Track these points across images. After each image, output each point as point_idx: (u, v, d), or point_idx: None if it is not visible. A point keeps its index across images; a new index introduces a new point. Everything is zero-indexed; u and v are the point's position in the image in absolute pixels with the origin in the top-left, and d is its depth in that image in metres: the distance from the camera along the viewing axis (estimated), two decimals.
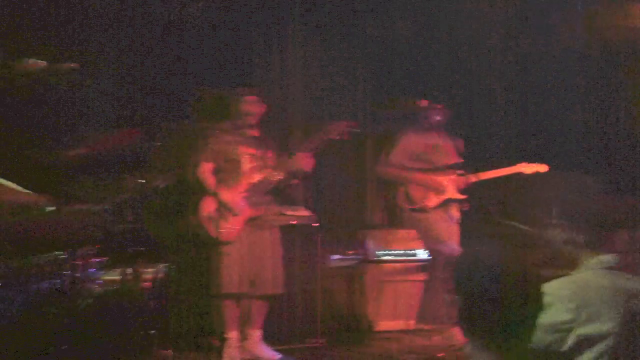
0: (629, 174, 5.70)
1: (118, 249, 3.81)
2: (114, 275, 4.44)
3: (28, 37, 5.07)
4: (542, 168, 5.38)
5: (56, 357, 3.19)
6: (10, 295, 3.52)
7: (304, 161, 4.90)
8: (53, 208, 3.13)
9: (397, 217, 5.95)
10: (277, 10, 6.43)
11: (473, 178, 4.79)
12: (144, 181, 4.03)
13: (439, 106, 5.08)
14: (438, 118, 5.11)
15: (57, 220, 3.21)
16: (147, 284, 4.46)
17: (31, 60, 3.23)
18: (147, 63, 5.78)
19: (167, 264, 4.97)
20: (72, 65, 3.32)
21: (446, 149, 5.30)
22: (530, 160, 5.42)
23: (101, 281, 4.26)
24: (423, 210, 5.26)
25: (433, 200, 5.27)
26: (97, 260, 4.00)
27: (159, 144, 3.94)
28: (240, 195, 4.84)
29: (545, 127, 6.53)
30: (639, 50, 5.98)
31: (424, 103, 5.09)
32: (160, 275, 5.00)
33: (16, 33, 4.96)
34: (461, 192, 4.99)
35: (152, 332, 3.56)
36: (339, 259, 6.03)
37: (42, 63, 3.26)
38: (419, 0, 6.63)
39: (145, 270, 4.30)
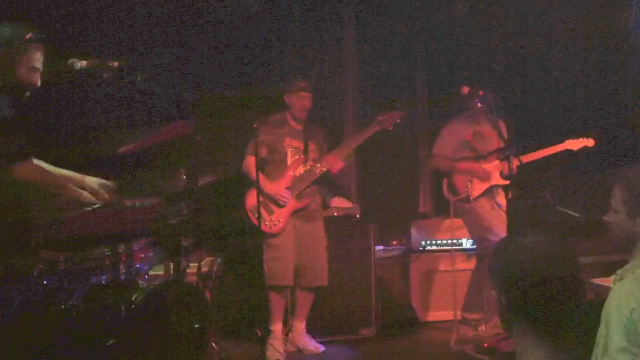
0: None
1: (169, 242, 3.86)
2: (161, 270, 4.53)
3: (75, 36, 5.21)
4: (589, 142, 5.24)
5: (109, 348, 3.26)
6: (71, 287, 3.62)
7: (331, 164, 4.92)
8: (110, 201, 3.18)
9: (444, 207, 5.90)
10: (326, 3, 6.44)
11: (517, 162, 4.69)
12: (193, 174, 4.06)
13: (480, 92, 4.99)
14: (480, 104, 5.02)
15: (113, 214, 3.26)
16: (194, 278, 4.53)
17: (76, 60, 3.27)
18: (193, 58, 5.86)
19: (215, 257, 5.04)
20: (116, 63, 3.35)
21: (489, 134, 5.20)
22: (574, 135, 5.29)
23: (149, 275, 4.33)
24: (467, 200, 5.18)
25: (477, 189, 5.19)
26: (150, 253, 4.06)
27: (207, 137, 3.97)
28: (284, 187, 4.88)
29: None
30: None
31: (465, 90, 5.00)
32: (208, 268, 5.09)
33: (62, 33, 5.10)
34: (506, 177, 4.89)
35: (198, 325, 3.60)
36: (383, 249, 6.03)
37: (88, 62, 3.30)
38: None
39: (195, 263, 4.35)
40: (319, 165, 4.93)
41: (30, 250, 3.17)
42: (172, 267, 4.28)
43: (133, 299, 3.51)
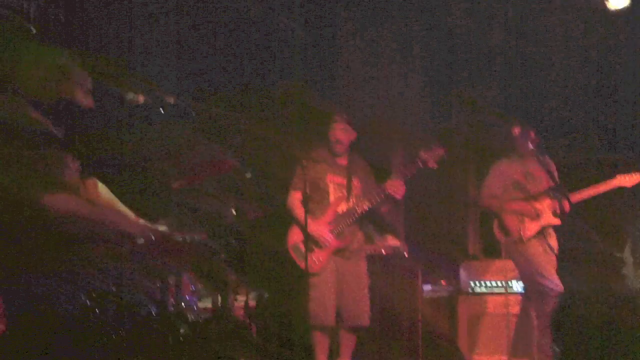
0: None
1: (217, 276, 3.91)
2: (209, 303, 4.57)
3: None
4: None
5: None
6: (121, 318, 3.70)
7: (395, 189, 4.73)
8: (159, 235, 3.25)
9: (493, 247, 5.82)
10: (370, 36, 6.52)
11: (568, 200, 4.58)
12: (239, 210, 4.11)
13: (531, 133, 4.94)
14: (531, 145, 4.97)
15: (164, 248, 3.32)
16: (240, 312, 4.54)
17: (135, 94, 3.38)
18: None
19: (260, 292, 5.04)
20: (172, 98, 3.45)
21: (540, 174, 5.13)
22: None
23: (198, 307, 4.39)
24: (520, 240, 5.06)
25: (529, 229, 5.08)
26: (199, 286, 4.13)
27: (251, 174, 4.03)
28: (326, 226, 4.75)
29: None
30: None
31: (516, 130, 4.96)
32: (256, 302, 5.10)
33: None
34: (559, 216, 4.80)
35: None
36: (431, 289, 5.95)
37: (146, 97, 3.40)
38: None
39: (240, 297, 4.37)
40: (362, 202, 4.79)
41: (84, 281, 3.23)
42: (219, 300, 4.33)
43: (181, 331, 3.56)
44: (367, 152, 5.22)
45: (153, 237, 3.17)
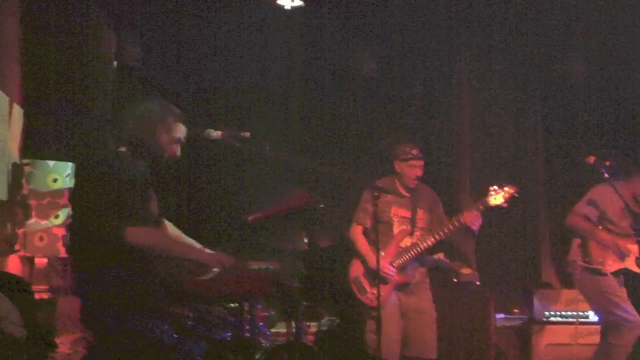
0: None
1: (290, 304, 4.01)
2: (283, 328, 4.68)
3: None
4: None
5: None
6: (196, 343, 3.85)
7: (473, 220, 4.55)
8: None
9: (567, 276, 5.71)
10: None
11: None
12: (314, 238, 4.21)
13: (607, 162, 4.85)
14: (607, 175, 4.88)
15: (239, 277, 3.43)
16: (311, 337, 4.62)
17: (212, 130, 3.52)
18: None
19: (334, 318, 5.09)
20: (247, 133, 3.58)
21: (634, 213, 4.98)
22: None
23: (271, 333, 4.50)
24: (598, 272, 4.93)
25: (611, 266, 4.93)
26: (272, 312, 4.24)
27: (328, 204, 4.13)
28: (388, 261, 4.64)
29: None
30: None
31: (591, 159, 4.87)
32: (327, 328, 5.17)
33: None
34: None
35: None
36: (504, 317, 5.89)
37: (223, 132, 3.54)
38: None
39: (310, 324, 4.45)
40: (427, 237, 4.68)
41: (160, 306, 3.37)
42: (292, 325, 4.42)
43: (257, 357, 3.68)
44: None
45: (227, 266, 3.29)
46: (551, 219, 6.51)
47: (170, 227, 3.51)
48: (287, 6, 5.91)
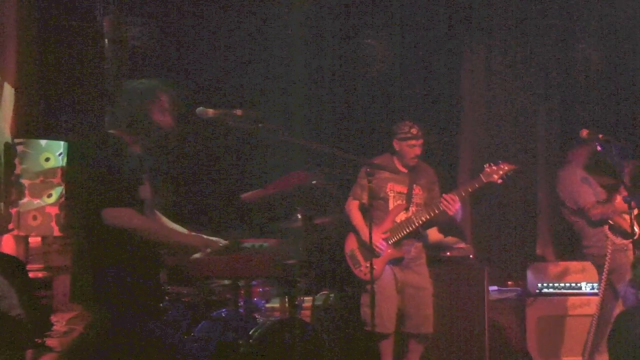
0: None
1: (286, 281, 4.04)
2: (277, 303, 4.71)
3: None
4: None
5: None
6: (193, 319, 3.89)
7: (449, 205, 4.60)
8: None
9: (562, 249, 5.75)
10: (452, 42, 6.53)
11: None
12: (309, 216, 4.20)
13: (600, 135, 4.87)
14: (599, 148, 4.89)
15: (232, 256, 3.45)
16: (306, 312, 4.66)
17: (204, 108, 3.51)
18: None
19: (329, 292, 5.12)
20: (240, 111, 3.56)
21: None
22: None
23: (266, 308, 4.53)
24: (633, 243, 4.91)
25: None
26: (267, 288, 4.28)
27: (323, 180, 4.13)
28: (382, 235, 4.70)
29: None
30: None
31: (584, 132, 4.88)
32: (322, 302, 5.21)
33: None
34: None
35: None
36: (497, 290, 5.94)
37: (215, 110, 3.52)
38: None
39: (305, 299, 4.47)
40: (422, 213, 4.73)
41: (158, 285, 3.40)
42: (286, 300, 4.45)
43: (251, 333, 3.71)
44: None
45: (216, 248, 3.30)
46: (547, 194, 6.53)
47: (163, 218, 3.52)
48: None
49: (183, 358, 3.53)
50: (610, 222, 5.01)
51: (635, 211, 4.82)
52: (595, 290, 5.25)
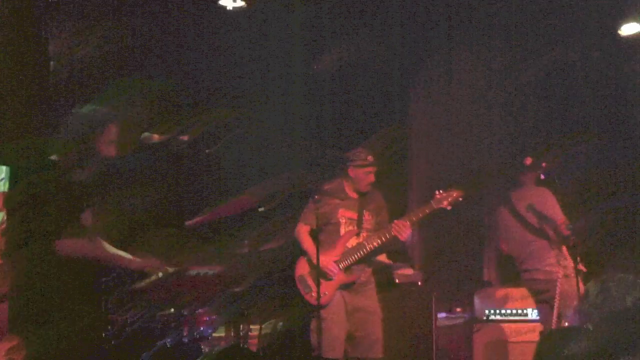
0: None
1: (232, 309, 4.00)
2: (223, 332, 4.65)
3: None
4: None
5: None
6: (138, 349, 3.80)
7: (400, 230, 4.65)
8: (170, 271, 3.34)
9: (508, 275, 5.82)
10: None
11: None
12: (256, 243, 4.19)
13: (543, 164, 4.99)
14: (543, 176, 5.01)
15: (178, 283, 3.41)
16: (253, 341, 4.61)
17: (149, 134, 3.50)
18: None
19: (277, 321, 5.08)
20: (186, 136, 3.56)
21: (550, 203, 5.15)
22: None
23: (212, 337, 4.47)
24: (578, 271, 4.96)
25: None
26: (213, 317, 4.22)
27: (263, 208, 4.12)
28: (333, 260, 4.71)
29: None
30: None
31: (528, 160, 5.00)
32: (270, 331, 5.16)
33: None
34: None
35: None
36: (446, 316, 5.98)
37: (160, 136, 3.51)
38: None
39: (252, 327, 4.43)
40: (373, 238, 4.75)
41: (101, 313, 3.34)
42: (232, 329, 4.40)
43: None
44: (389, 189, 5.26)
45: (163, 273, 3.27)
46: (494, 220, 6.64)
47: (104, 242, 3.47)
48: (230, 7, 5.88)
49: None
50: (571, 243, 5.03)
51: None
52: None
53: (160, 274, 3.33)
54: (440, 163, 6.73)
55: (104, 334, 3.53)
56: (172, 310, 3.93)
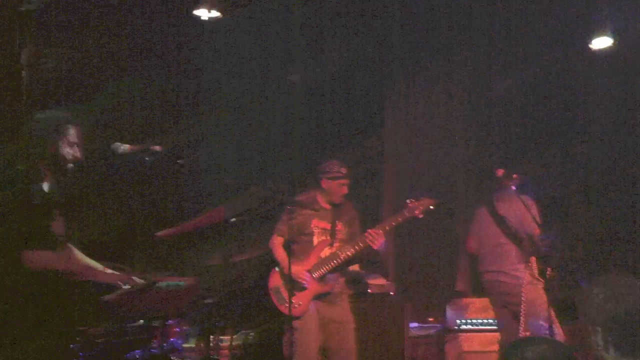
0: None
1: (203, 321, 3.98)
2: (194, 343, 4.62)
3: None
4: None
5: None
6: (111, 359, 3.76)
7: (373, 239, 4.70)
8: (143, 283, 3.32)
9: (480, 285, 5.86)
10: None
11: None
12: (227, 254, 4.18)
13: (514, 175, 5.05)
14: (514, 187, 5.08)
15: (147, 295, 3.39)
16: (225, 352, 4.59)
17: (119, 144, 3.48)
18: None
19: (248, 332, 5.07)
20: (158, 147, 3.55)
21: (522, 214, 5.22)
22: None
23: (183, 349, 4.44)
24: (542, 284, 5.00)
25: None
26: (184, 328, 4.19)
27: (241, 218, 4.11)
28: (306, 270, 4.74)
29: None
30: None
31: (500, 172, 5.06)
32: (242, 342, 5.15)
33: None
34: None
35: None
36: (418, 327, 6.00)
37: (131, 146, 3.50)
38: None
39: (224, 338, 4.42)
40: (346, 248, 4.79)
41: (70, 325, 3.31)
42: (203, 341, 4.38)
43: None
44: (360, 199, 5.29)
45: (133, 285, 3.25)
46: (466, 230, 6.69)
47: (75, 251, 3.45)
48: (204, 17, 5.86)
49: None
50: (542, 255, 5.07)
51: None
52: None
53: (130, 286, 3.32)
54: (413, 173, 6.77)
55: (71, 346, 3.49)
56: (142, 322, 3.90)
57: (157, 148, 3.57)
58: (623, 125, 6.90)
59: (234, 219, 4.00)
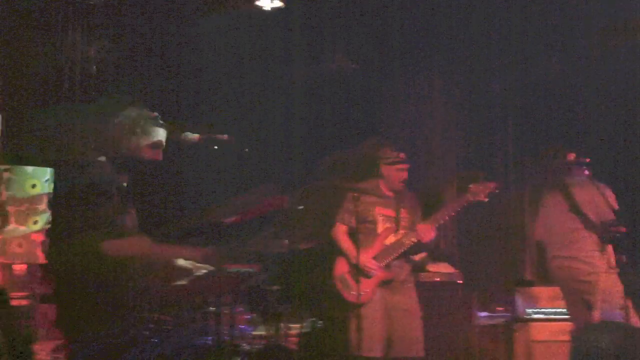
0: None
1: (269, 307, 4.02)
2: (262, 331, 4.67)
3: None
4: None
5: None
6: (174, 347, 3.83)
7: (423, 234, 4.71)
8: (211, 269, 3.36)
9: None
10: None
11: None
12: (294, 241, 4.20)
13: (587, 159, 4.90)
14: (587, 172, 4.92)
15: (216, 281, 3.43)
16: (293, 339, 4.62)
17: (189, 133, 3.53)
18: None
19: (312, 321, 5.10)
20: (225, 135, 3.58)
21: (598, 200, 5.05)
22: None
23: (252, 336, 4.50)
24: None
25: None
26: (248, 316, 4.25)
27: (301, 206, 4.13)
28: (372, 257, 4.73)
29: None
30: None
31: (571, 157, 4.92)
32: (310, 329, 5.18)
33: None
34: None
35: None
36: (487, 316, 5.92)
37: (200, 135, 3.54)
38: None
39: (291, 326, 4.45)
40: (410, 235, 4.78)
41: (141, 312, 3.37)
42: (273, 329, 4.42)
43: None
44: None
45: (207, 269, 3.29)
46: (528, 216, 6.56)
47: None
48: (267, 7, 5.89)
49: None
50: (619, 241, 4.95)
51: None
52: None
53: (202, 271, 3.36)
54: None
55: (145, 332, 3.57)
56: (212, 308, 3.96)
57: (224, 137, 3.61)
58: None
59: (302, 207, 4.02)
